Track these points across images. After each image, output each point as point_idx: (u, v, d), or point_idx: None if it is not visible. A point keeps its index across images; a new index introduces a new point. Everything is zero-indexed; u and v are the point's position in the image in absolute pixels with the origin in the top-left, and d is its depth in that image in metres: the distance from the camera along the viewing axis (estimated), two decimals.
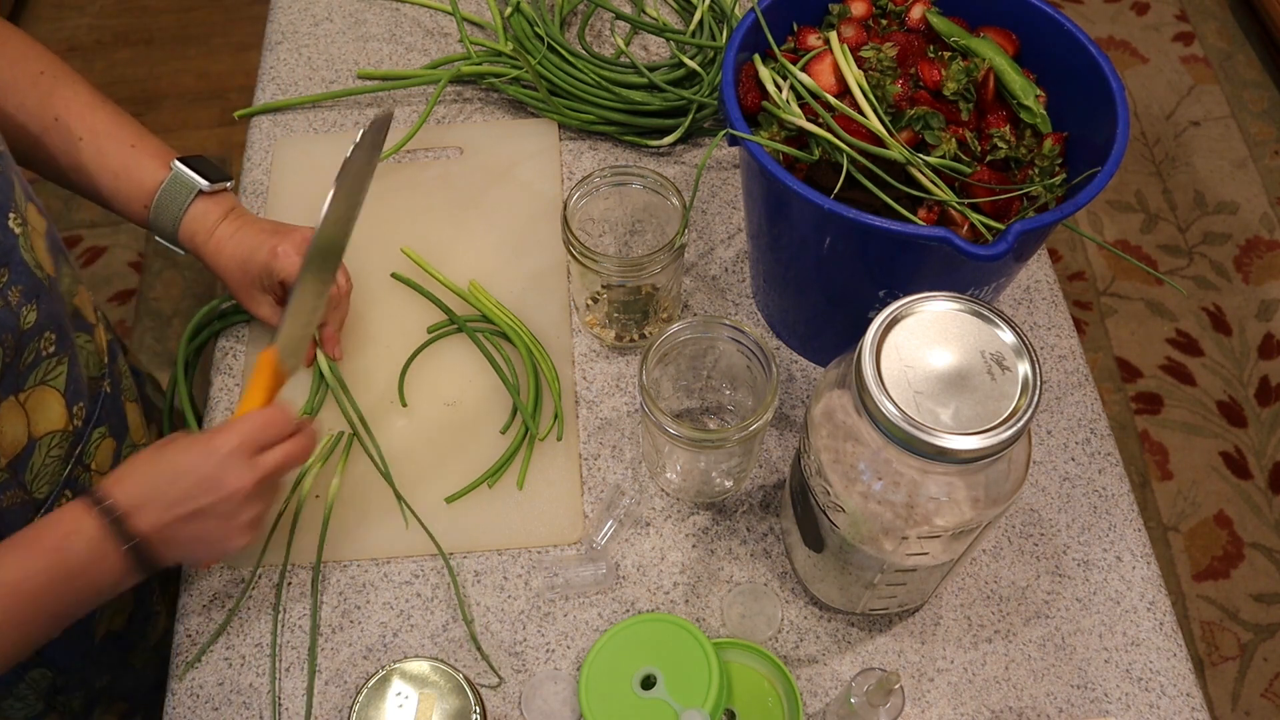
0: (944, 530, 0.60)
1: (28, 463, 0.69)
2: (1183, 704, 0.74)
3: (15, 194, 0.67)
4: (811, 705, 0.73)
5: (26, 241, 0.67)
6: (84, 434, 0.75)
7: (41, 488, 0.71)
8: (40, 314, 0.67)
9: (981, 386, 0.56)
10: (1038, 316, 0.92)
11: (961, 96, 0.74)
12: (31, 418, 0.68)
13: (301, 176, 0.99)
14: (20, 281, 0.66)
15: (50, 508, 0.72)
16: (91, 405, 0.76)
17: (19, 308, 0.65)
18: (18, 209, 0.67)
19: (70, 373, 0.72)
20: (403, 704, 0.64)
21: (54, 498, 0.72)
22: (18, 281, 0.65)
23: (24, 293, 0.66)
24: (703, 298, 0.93)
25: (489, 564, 0.79)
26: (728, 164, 1.01)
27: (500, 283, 0.92)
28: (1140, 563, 0.79)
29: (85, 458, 0.75)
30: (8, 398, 0.65)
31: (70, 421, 0.72)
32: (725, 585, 0.78)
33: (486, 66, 1.02)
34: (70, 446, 0.73)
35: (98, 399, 0.77)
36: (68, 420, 0.72)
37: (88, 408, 0.75)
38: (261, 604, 0.77)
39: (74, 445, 0.73)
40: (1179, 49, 2.40)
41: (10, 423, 0.66)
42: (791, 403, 0.87)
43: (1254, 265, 2.07)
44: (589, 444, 0.84)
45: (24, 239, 0.67)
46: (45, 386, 0.69)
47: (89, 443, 0.75)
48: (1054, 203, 0.74)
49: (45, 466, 0.70)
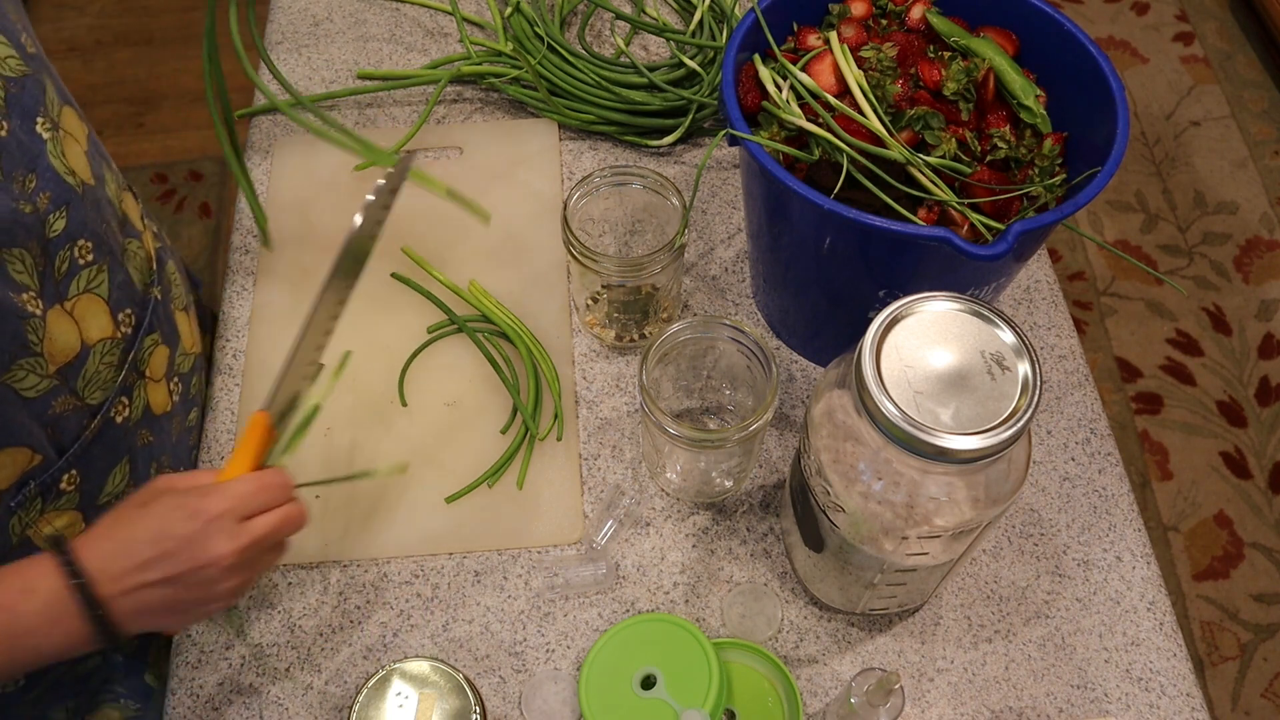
0: (944, 530, 0.60)
1: (80, 370, 0.67)
2: (1183, 704, 0.74)
3: (47, 97, 0.65)
4: (811, 705, 0.73)
5: (56, 147, 0.65)
6: (135, 341, 0.73)
7: (94, 394, 0.69)
8: (70, 221, 0.65)
9: (981, 386, 0.56)
10: (1038, 316, 0.92)
11: (961, 96, 0.74)
12: (81, 325, 0.66)
13: (301, 176, 0.99)
14: (48, 188, 0.64)
15: (105, 414, 0.70)
16: (141, 312, 0.74)
17: (46, 214, 0.63)
18: (48, 113, 0.65)
19: (113, 280, 0.70)
20: (403, 704, 0.64)
21: (109, 404, 0.70)
22: (46, 188, 0.63)
23: (52, 199, 0.64)
24: (703, 298, 0.93)
25: (489, 564, 0.79)
26: (728, 164, 1.01)
27: (500, 283, 0.92)
28: (1140, 563, 0.79)
29: (140, 364, 0.74)
30: (53, 306, 0.64)
31: (117, 329, 0.70)
32: (725, 585, 0.78)
33: (486, 66, 1.02)
34: (122, 354, 0.71)
35: (148, 306, 0.76)
36: (114, 327, 0.70)
37: (137, 314, 0.73)
38: (261, 604, 0.77)
39: (126, 352, 0.72)
40: (1179, 49, 2.40)
41: (60, 330, 0.64)
42: (791, 403, 0.87)
43: (1254, 265, 2.07)
44: (589, 444, 0.84)
45: (53, 144, 0.65)
46: (90, 294, 0.67)
47: (141, 350, 0.74)
48: (1054, 203, 0.74)
49: (98, 374, 0.69)
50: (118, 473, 0.73)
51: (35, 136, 0.63)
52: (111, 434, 0.71)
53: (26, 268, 0.61)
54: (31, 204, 0.62)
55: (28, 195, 0.62)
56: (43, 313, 0.62)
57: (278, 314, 0.91)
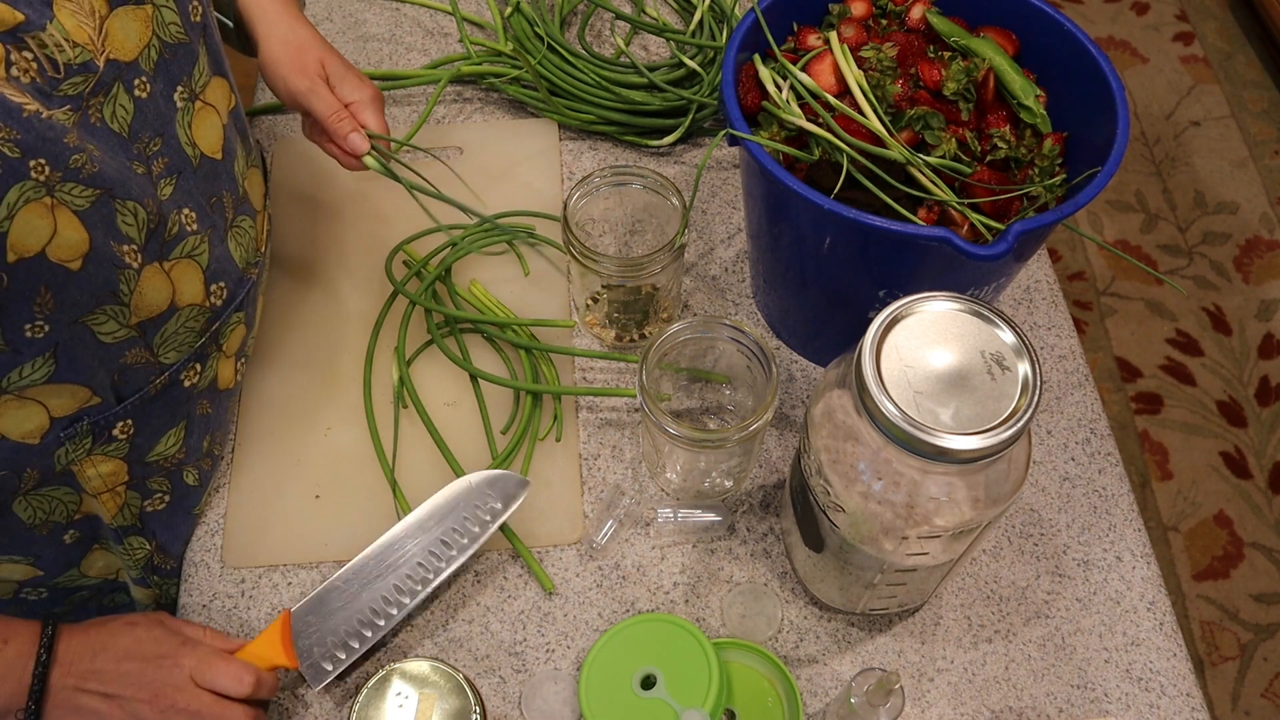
0: (944, 530, 0.60)
1: (160, 328, 0.68)
2: (1183, 704, 0.74)
3: (196, 68, 0.67)
4: (811, 705, 0.74)
5: (186, 118, 0.66)
6: (222, 313, 0.74)
7: (169, 354, 0.70)
8: (177, 190, 0.66)
9: (981, 386, 0.56)
10: (1038, 316, 0.92)
11: (961, 96, 0.74)
12: (176, 287, 0.68)
13: (301, 177, 0.99)
14: (168, 154, 0.65)
15: (175, 374, 0.71)
16: (236, 288, 0.75)
17: (159, 178, 0.64)
18: (190, 83, 0.66)
19: (213, 252, 0.71)
20: (403, 704, 0.64)
21: (181, 367, 0.71)
22: (165, 154, 0.65)
23: (168, 166, 0.65)
24: (703, 298, 0.93)
25: (489, 564, 0.79)
26: (728, 164, 1.01)
27: (500, 283, 0.92)
28: (1140, 563, 0.79)
29: (220, 338, 0.75)
30: (152, 262, 0.65)
31: (208, 298, 0.71)
32: (725, 585, 0.78)
33: (486, 66, 1.02)
34: (207, 322, 0.72)
35: (245, 284, 0.76)
36: (205, 297, 0.71)
37: (230, 289, 0.74)
38: (261, 603, 0.77)
39: (210, 322, 0.73)
40: (1179, 49, 2.40)
41: (154, 286, 0.65)
42: (791, 403, 0.87)
43: (1254, 265, 2.07)
44: (589, 444, 0.84)
45: (184, 114, 0.66)
46: (190, 260, 0.68)
47: (226, 323, 0.75)
48: (1054, 203, 0.74)
49: (177, 335, 0.70)
50: (172, 436, 0.74)
51: (170, 103, 0.65)
52: (175, 394, 0.72)
53: (137, 222, 0.62)
54: (146, 166, 0.63)
55: (146, 157, 0.63)
56: (139, 266, 0.63)
57: (279, 313, 0.90)
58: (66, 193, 0.56)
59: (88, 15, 0.57)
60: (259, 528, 0.80)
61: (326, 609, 0.73)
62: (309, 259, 0.94)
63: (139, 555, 0.77)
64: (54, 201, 0.55)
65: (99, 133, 0.58)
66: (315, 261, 0.94)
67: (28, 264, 0.55)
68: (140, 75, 0.61)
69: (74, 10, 0.56)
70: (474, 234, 0.93)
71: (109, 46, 0.58)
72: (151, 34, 0.61)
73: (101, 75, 0.58)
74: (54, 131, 0.54)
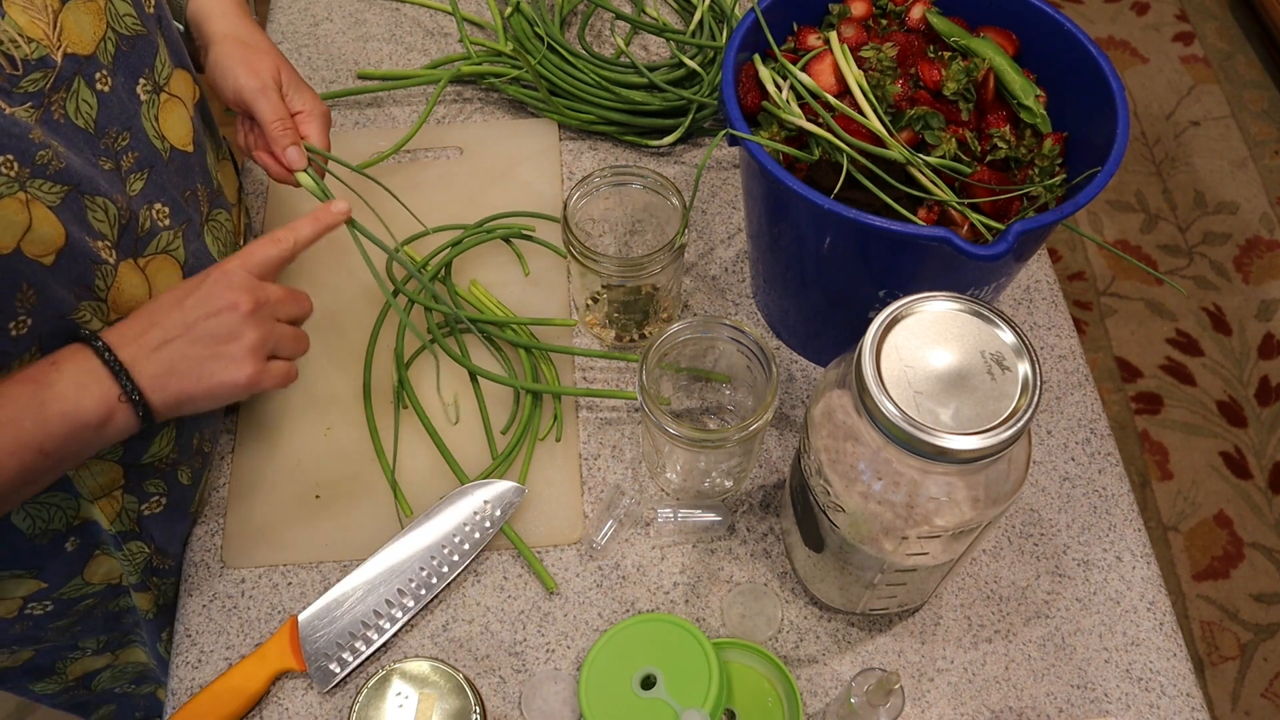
0: (944, 530, 0.60)
1: None
2: (1183, 704, 0.74)
3: (157, 59, 0.66)
4: (811, 705, 0.74)
5: (152, 110, 0.66)
6: None
7: None
8: (149, 185, 0.66)
9: (981, 386, 0.56)
10: (1038, 316, 0.92)
11: (961, 96, 0.74)
12: (152, 283, 0.67)
13: None
14: (137, 148, 0.64)
15: None
16: None
17: (128, 174, 0.64)
18: (153, 75, 0.66)
19: (189, 248, 0.70)
20: (403, 704, 0.64)
21: None
22: (135, 148, 0.64)
23: (138, 160, 0.65)
24: (703, 298, 0.93)
25: (489, 564, 0.79)
26: (728, 164, 1.01)
27: (500, 283, 0.92)
28: (1140, 563, 0.79)
29: None
30: (126, 259, 0.64)
31: None
32: (725, 585, 0.78)
33: (486, 66, 1.02)
34: None
35: None
36: None
37: None
38: (261, 603, 0.77)
39: None
40: (1179, 49, 2.40)
41: (130, 283, 0.65)
42: (791, 403, 0.87)
43: (1254, 265, 2.07)
44: (589, 444, 0.84)
45: (149, 107, 0.66)
46: (166, 255, 0.68)
47: None
48: (1054, 203, 0.74)
49: None
50: (163, 436, 0.73)
51: (134, 97, 0.64)
52: None
53: (109, 218, 0.62)
54: (114, 161, 0.63)
55: (114, 152, 0.63)
56: (115, 262, 0.63)
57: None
58: (38, 189, 0.56)
59: (40, 10, 0.57)
60: (259, 528, 0.80)
61: (331, 615, 0.75)
62: (307, 258, 0.94)
63: (138, 559, 0.77)
64: (28, 196, 0.55)
65: (63, 129, 0.58)
66: (315, 261, 0.94)
67: (5, 260, 0.55)
68: (100, 69, 0.61)
69: (25, 6, 0.56)
70: (474, 232, 0.93)
71: (65, 40, 0.58)
72: (106, 26, 0.61)
73: (60, 70, 0.58)
74: (18, 128, 0.54)
